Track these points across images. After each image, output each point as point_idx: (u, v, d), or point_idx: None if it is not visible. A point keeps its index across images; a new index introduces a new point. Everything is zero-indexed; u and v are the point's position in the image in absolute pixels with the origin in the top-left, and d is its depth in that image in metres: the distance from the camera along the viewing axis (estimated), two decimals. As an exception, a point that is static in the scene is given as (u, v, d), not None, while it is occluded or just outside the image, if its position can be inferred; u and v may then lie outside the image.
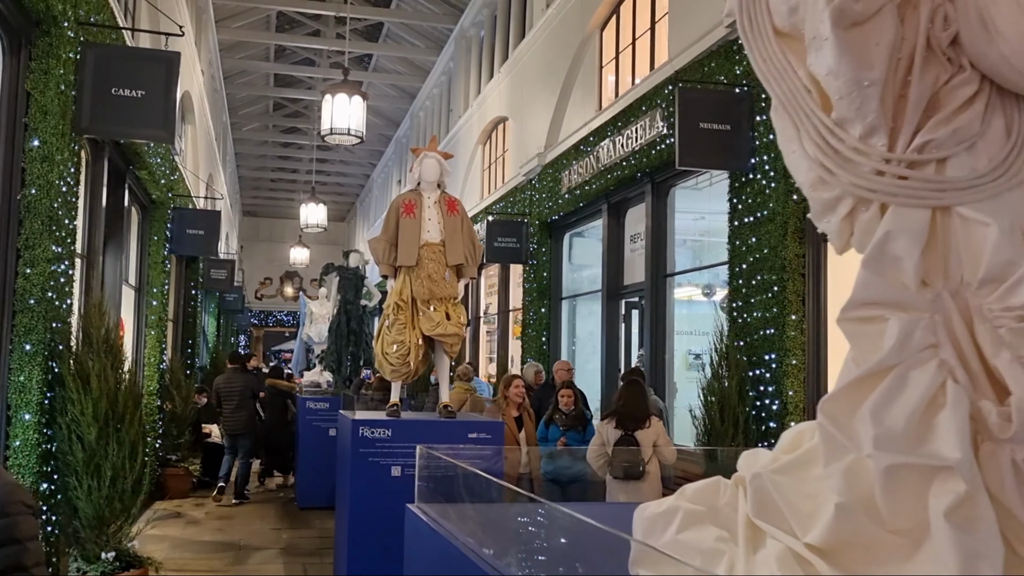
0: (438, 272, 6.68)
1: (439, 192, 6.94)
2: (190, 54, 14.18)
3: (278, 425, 11.87)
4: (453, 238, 6.79)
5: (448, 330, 6.61)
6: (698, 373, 11.13)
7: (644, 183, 9.56)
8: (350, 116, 13.04)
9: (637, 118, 9.38)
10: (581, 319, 12.82)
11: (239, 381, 11.38)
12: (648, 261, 9.48)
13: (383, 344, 6.74)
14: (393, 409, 6.67)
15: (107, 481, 5.71)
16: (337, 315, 11.58)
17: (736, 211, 7.37)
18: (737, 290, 7.30)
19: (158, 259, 11.28)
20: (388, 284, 6.86)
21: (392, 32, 21.45)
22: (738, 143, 7.11)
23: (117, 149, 8.69)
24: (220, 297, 22.26)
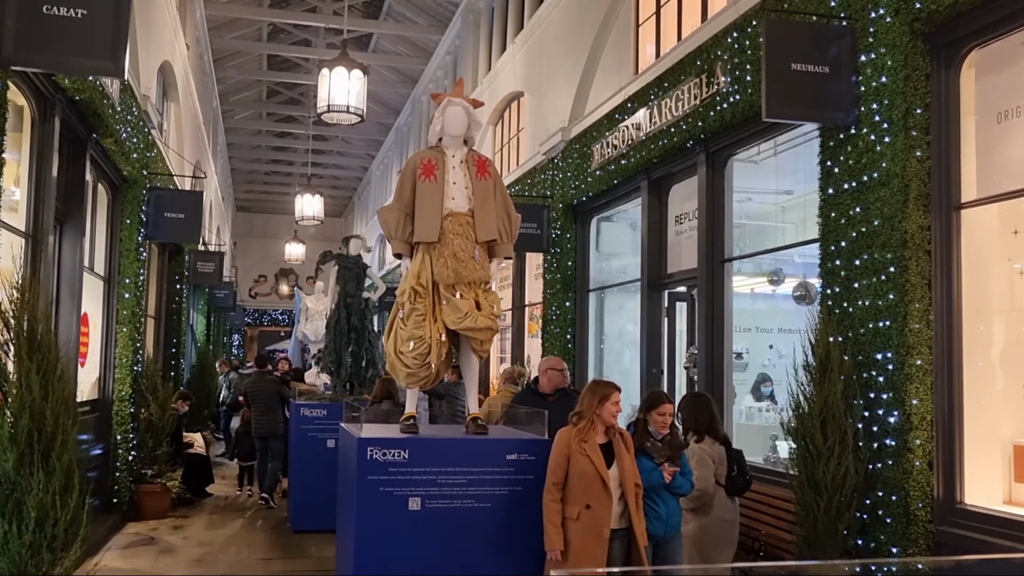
0: (466, 250, 5.29)
1: (466, 149, 5.54)
2: (170, 17, 12.74)
3: None
4: (484, 207, 5.39)
5: (479, 323, 5.21)
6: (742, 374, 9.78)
7: (695, 153, 8.15)
8: (350, 92, 11.68)
9: (687, 76, 7.97)
10: (610, 313, 11.41)
11: (266, 385, 11.35)
12: (702, 244, 8.07)
13: (396, 340, 5.33)
14: (409, 423, 5.27)
15: (30, 524, 4.28)
16: (336, 309, 10.15)
17: (831, 176, 5.95)
18: (833, 273, 5.88)
19: (131, 246, 9.84)
20: (403, 265, 5.46)
21: (393, 9, 20.02)
22: (838, 89, 5.70)
23: (72, 108, 7.26)
24: (210, 293, 20.80)
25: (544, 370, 6.69)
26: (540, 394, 6.53)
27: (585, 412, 4.97)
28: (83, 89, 6.82)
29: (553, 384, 6.57)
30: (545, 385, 6.56)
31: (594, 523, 4.75)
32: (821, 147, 6.07)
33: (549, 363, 6.83)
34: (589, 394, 5.06)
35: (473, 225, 5.35)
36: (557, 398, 6.44)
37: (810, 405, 5.50)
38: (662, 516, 5.18)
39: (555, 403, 6.37)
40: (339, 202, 38.06)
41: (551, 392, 6.52)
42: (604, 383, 5.17)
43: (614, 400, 5.03)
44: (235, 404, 17.34)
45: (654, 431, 5.34)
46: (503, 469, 5.00)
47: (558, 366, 6.75)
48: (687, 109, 7.95)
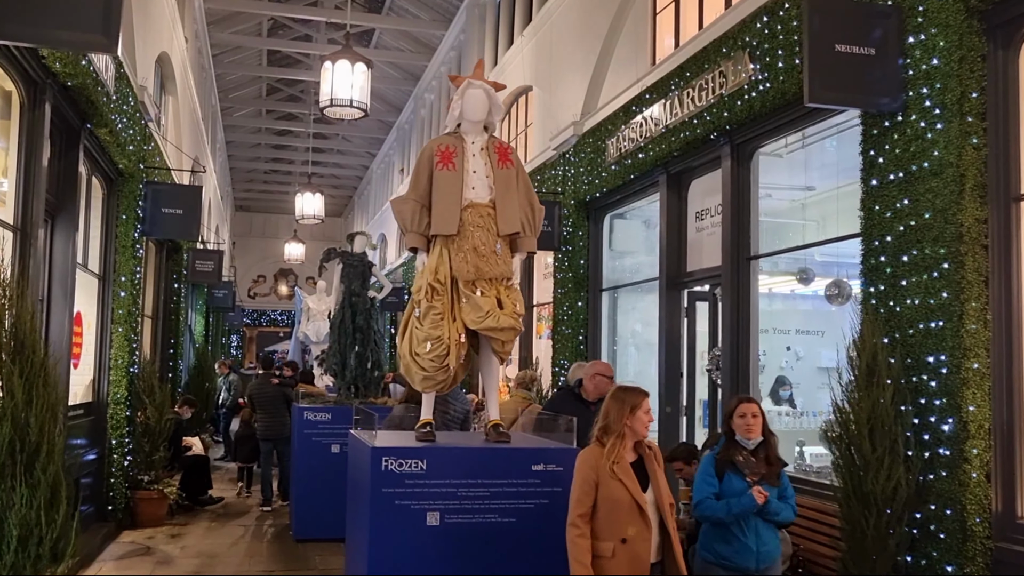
0: (487, 243, 4.90)
1: (487, 136, 5.15)
2: (168, 7, 12.35)
3: None
4: (506, 197, 5.00)
5: (501, 322, 4.82)
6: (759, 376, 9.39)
7: (719, 145, 7.76)
8: (353, 86, 11.33)
9: (712, 65, 7.59)
10: (623, 314, 11.03)
11: (271, 388, 11.26)
12: (726, 241, 7.68)
13: (411, 341, 4.94)
14: (425, 431, 4.88)
15: (12, 543, 3.88)
16: (341, 309, 9.75)
17: (875, 166, 5.57)
18: (877, 270, 5.50)
19: (127, 242, 9.44)
20: (418, 260, 5.07)
21: (396, 4, 19.62)
22: (883, 73, 5.31)
23: (64, 95, 6.86)
24: (208, 293, 20.39)
25: (592, 375, 6.19)
26: (583, 400, 6.07)
27: (613, 425, 4.24)
28: (75, 74, 6.43)
29: (599, 391, 6.04)
30: (591, 391, 6.10)
31: (633, 559, 4.04)
32: (863, 135, 5.69)
33: (597, 368, 6.33)
34: (616, 404, 4.29)
35: (494, 217, 4.96)
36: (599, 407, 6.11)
37: (856, 412, 5.11)
38: (751, 547, 4.66)
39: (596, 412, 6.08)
40: (339, 201, 37.68)
41: (596, 399, 6.05)
42: (631, 389, 4.47)
43: (645, 408, 4.32)
44: (235, 406, 16.97)
45: (742, 439, 4.80)
46: (529, 481, 4.60)
47: (607, 372, 6.27)
48: (711, 99, 7.57)
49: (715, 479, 4.83)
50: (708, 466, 4.92)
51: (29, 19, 4.48)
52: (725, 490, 4.78)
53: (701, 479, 4.88)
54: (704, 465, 4.97)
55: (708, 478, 4.86)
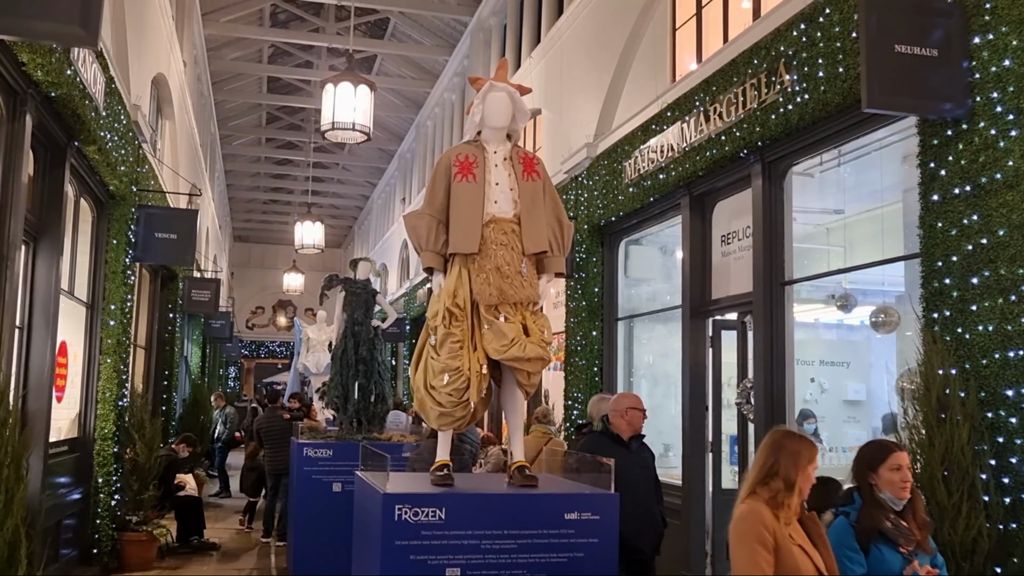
0: (511, 263, 4.38)
1: (510, 144, 4.65)
2: (166, 28, 11.92)
3: None
4: (532, 213, 4.49)
5: (528, 351, 4.29)
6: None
7: (749, 164, 7.28)
8: (355, 109, 10.92)
9: (741, 78, 7.12)
10: (639, 344, 10.49)
11: (279, 421, 11.03)
12: (758, 265, 7.17)
13: (426, 373, 4.41)
14: (442, 474, 4.32)
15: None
16: (343, 339, 9.19)
17: (936, 179, 5.06)
18: (941, 294, 4.97)
19: (118, 268, 8.92)
20: (434, 282, 4.54)
21: (398, 30, 19.28)
22: (948, 76, 4.83)
23: (48, 108, 6.37)
24: (205, 323, 19.83)
25: (623, 410, 5.50)
26: (620, 440, 5.45)
27: (787, 479, 3.34)
28: (59, 83, 5.95)
29: (633, 428, 5.48)
30: (624, 429, 5.47)
31: None
32: (921, 146, 5.19)
33: (629, 401, 5.62)
34: (788, 455, 3.38)
35: (519, 234, 4.44)
36: (637, 447, 5.51)
37: (927, 452, 4.56)
38: None
39: (635, 453, 5.45)
40: (339, 232, 37.22)
41: (630, 437, 5.48)
42: (801, 439, 3.52)
43: (816, 463, 3.46)
44: (231, 440, 16.36)
45: (890, 498, 3.79)
46: (562, 531, 4.03)
47: (639, 404, 5.59)
48: (741, 114, 7.09)
49: (860, 554, 3.73)
50: (847, 537, 3.78)
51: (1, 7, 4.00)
52: (874, 567, 3.72)
53: (842, 554, 3.70)
54: (841, 536, 3.79)
55: (851, 553, 3.73)
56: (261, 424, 11.39)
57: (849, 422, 9.75)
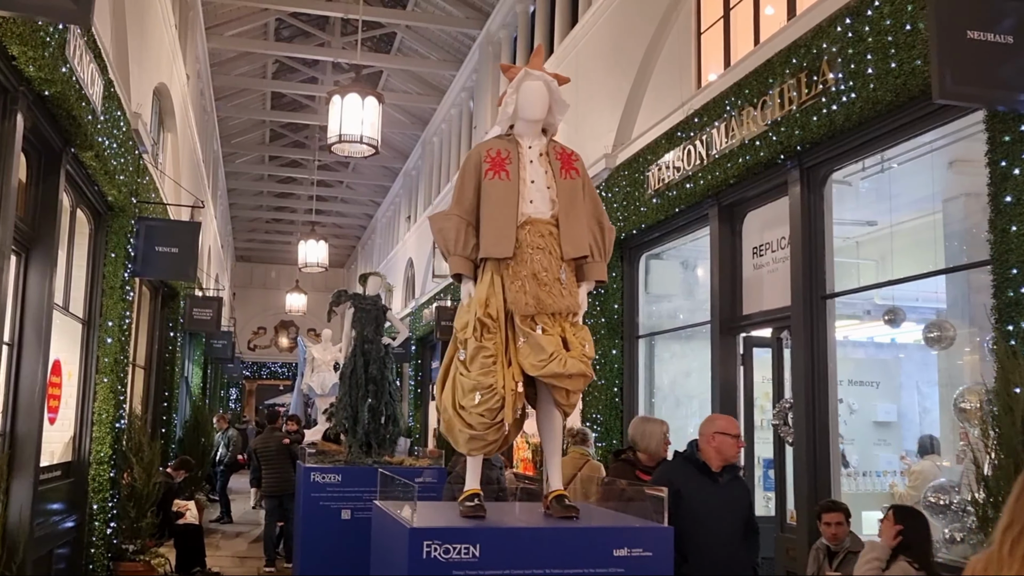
0: (549, 269, 3.94)
1: (546, 139, 4.23)
2: (168, 36, 11.56)
3: None
4: (572, 214, 4.06)
5: (568, 367, 3.84)
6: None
7: (786, 170, 6.86)
8: (363, 121, 10.57)
9: (778, 79, 6.71)
10: (660, 363, 10.04)
11: (276, 443, 11.04)
12: (797, 278, 6.73)
13: (455, 392, 3.96)
14: (473, 505, 3.85)
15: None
16: (352, 357, 8.73)
17: (1008, 179, 4.63)
18: (1017, 305, 4.53)
19: (116, 283, 8.49)
20: (463, 291, 4.10)
21: (405, 44, 18.96)
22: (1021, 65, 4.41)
23: (42, 108, 5.95)
24: (206, 343, 19.38)
25: (710, 434, 4.61)
26: (704, 469, 4.59)
27: None
28: (53, 80, 5.53)
29: (723, 457, 4.58)
30: (712, 457, 4.58)
31: None
32: (990, 143, 4.76)
33: (718, 424, 4.68)
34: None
35: (557, 237, 4.01)
36: (729, 479, 4.63)
37: (1006, 479, 4.10)
38: None
39: (727, 485, 4.58)
40: (342, 252, 36.84)
41: (720, 468, 4.62)
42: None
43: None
44: (233, 463, 15.88)
45: None
46: (610, 570, 3.57)
47: (733, 430, 4.62)
48: (778, 117, 6.67)
49: None
50: None
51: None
52: None
53: None
54: None
55: None
56: (258, 445, 11.26)
57: (880, 445, 9.29)
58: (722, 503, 4.50)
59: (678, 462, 4.71)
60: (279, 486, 10.75)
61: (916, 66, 5.25)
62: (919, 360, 9.67)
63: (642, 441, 5.35)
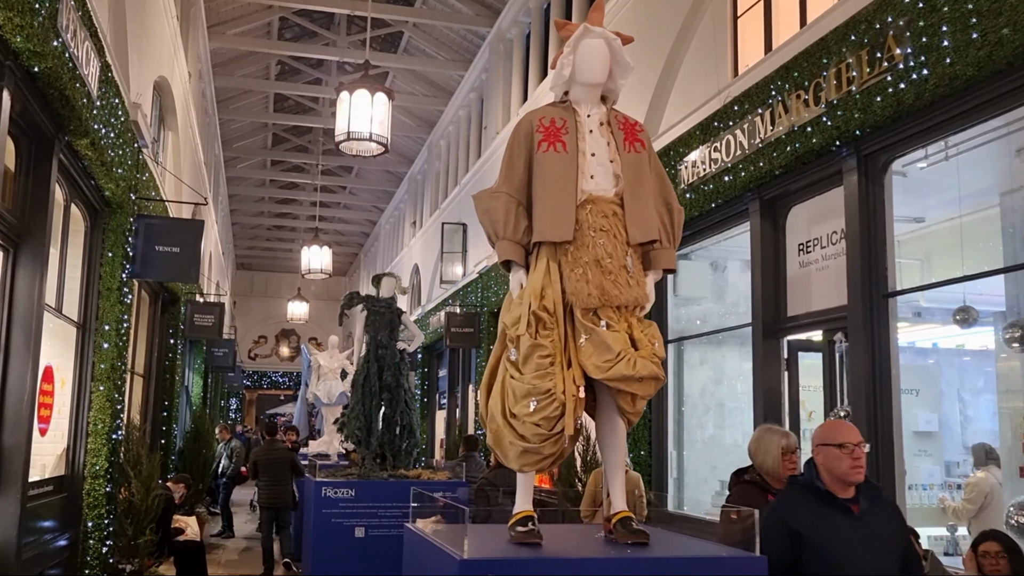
0: (614, 255, 3.41)
1: (605, 108, 3.69)
2: (170, 28, 11.04)
3: None
4: (638, 192, 3.53)
5: (639, 369, 3.29)
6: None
7: (840, 158, 6.32)
8: (372, 119, 10.08)
9: (834, 58, 6.17)
10: (690, 369, 9.49)
11: (279, 453, 10.96)
12: (854, 275, 6.19)
13: (505, 398, 3.40)
14: (526, 530, 3.29)
15: None
16: (365, 363, 8.17)
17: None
18: None
19: (113, 284, 7.94)
20: (513, 280, 3.54)
21: (412, 44, 18.45)
22: None
23: (32, 87, 5.40)
24: (207, 351, 18.80)
25: (814, 449, 3.49)
26: (827, 498, 3.40)
27: None
28: (44, 54, 4.99)
29: (836, 476, 3.39)
30: (829, 479, 3.40)
31: None
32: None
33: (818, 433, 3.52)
34: None
35: (623, 218, 3.47)
36: (867, 506, 3.39)
37: None
38: None
39: (866, 516, 3.36)
40: (344, 259, 36.29)
41: (852, 493, 3.41)
42: None
43: None
44: (236, 475, 15.29)
45: None
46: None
47: (836, 436, 3.43)
48: (834, 100, 6.13)
49: None
50: None
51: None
52: None
53: None
54: None
55: None
56: (259, 456, 11.05)
57: (920, 456, 8.75)
58: (861, 541, 3.31)
59: (794, 491, 3.56)
60: (279, 498, 10.72)
61: (1004, 35, 4.72)
62: (960, 366, 9.15)
63: (756, 457, 4.20)
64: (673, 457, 9.23)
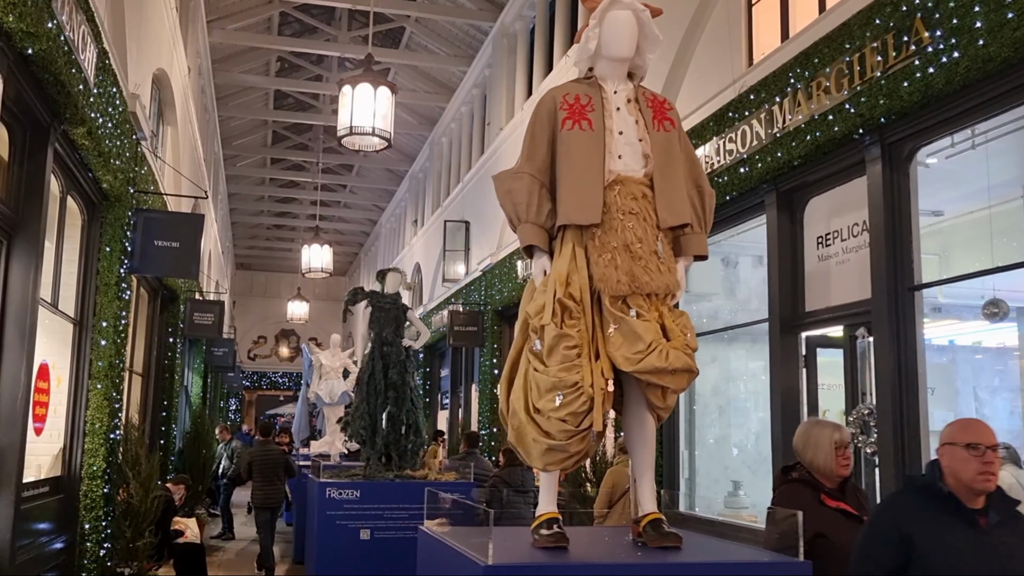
0: (645, 240, 3.20)
1: (634, 83, 3.48)
2: (169, 19, 10.82)
3: None
4: (668, 172, 3.32)
5: (671, 361, 3.10)
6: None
7: (862, 147, 6.11)
8: (375, 113, 9.90)
9: (856, 44, 5.96)
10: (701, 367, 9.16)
11: (274, 454, 11.03)
12: (878, 268, 5.97)
13: (528, 392, 3.20)
14: (552, 533, 3.08)
15: None
16: (370, 360, 7.96)
17: None
18: None
19: (111, 280, 7.72)
20: (535, 267, 3.33)
21: (413, 40, 18.24)
22: None
23: (26, 71, 5.18)
24: (207, 350, 18.57)
25: (940, 448, 3.08)
26: (952, 506, 2.99)
27: None
28: (38, 35, 4.78)
29: (963, 482, 2.97)
30: (955, 485, 2.99)
31: None
32: None
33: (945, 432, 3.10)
34: None
35: (652, 200, 3.26)
36: (997, 520, 2.98)
37: None
38: None
39: (992, 530, 2.95)
40: (344, 259, 36.04)
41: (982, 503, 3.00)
42: None
43: None
44: (236, 477, 15.07)
45: None
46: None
47: (965, 436, 2.99)
48: (858, 86, 5.92)
49: None
50: None
51: None
52: None
53: None
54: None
55: None
56: (256, 456, 11.02)
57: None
58: (985, 559, 2.89)
59: (910, 492, 3.21)
60: (274, 498, 10.79)
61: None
62: (977, 364, 8.94)
63: (806, 453, 3.76)
64: (684, 457, 9.02)
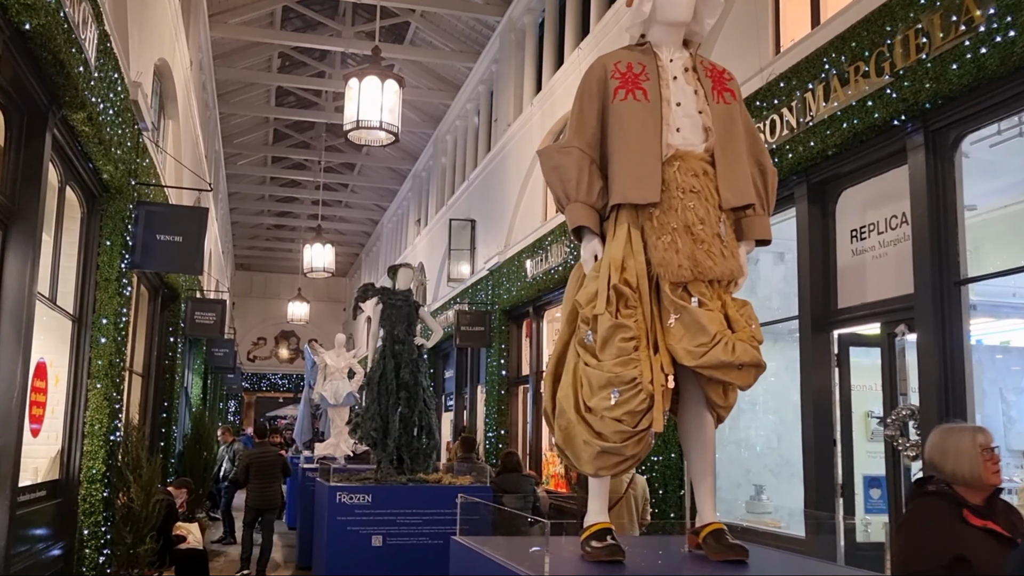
0: (707, 221, 2.90)
1: (691, 51, 3.17)
2: (172, 8, 10.51)
3: None
4: (729, 148, 3.01)
5: (738, 354, 2.78)
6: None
7: (903, 135, 5.81)
8: (382, 107, 9.64)
9: (900, 25, 5.66)
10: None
11: (271, 456, 11.17)
12: (922, 261, 5.67)
13: (579, 388, 2.89)
14: (606, 546, 2.77)
15: None
16: (381, 360, 7.64)
17: None
18: None
19: (111, 275, 7.40)
20: (585, 251, 3.02)
21: (419, 35, 17.93)
22: None
23: (23, 49, 4.86)
24: (208, 351, 18.23)
25: None
26: None
27: None
28: (35, 8, 4.47)
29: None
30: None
31: None
32: None
33: None
34: None
35: (714, 178, 2.95)
36: None
37: None
38: None
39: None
40: (345, 260, 35.70)
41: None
42: None
43: None
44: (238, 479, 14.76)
45: None
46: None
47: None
48: (901, 70, 5.61)
49: None
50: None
51: None
52: None
53: None
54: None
55: None
56: (254, 459, 11.06)
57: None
58: None
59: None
60: (267, 500, 10.82)
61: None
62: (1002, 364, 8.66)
63: (946, 464, 3.30)
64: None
